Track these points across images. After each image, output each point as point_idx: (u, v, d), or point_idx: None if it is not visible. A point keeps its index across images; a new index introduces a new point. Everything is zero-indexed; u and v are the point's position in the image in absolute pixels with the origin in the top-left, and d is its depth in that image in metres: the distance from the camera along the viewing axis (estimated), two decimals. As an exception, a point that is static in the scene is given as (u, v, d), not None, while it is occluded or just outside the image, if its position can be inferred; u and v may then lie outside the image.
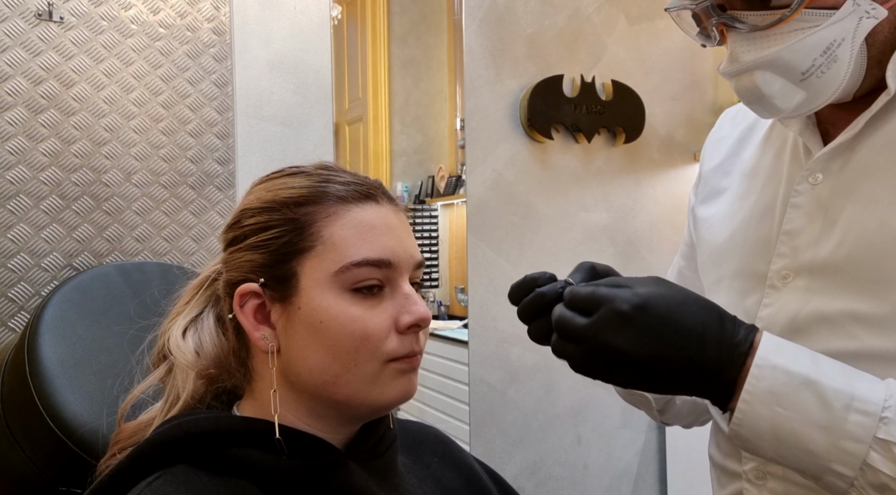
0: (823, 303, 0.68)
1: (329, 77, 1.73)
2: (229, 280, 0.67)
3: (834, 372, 0.58)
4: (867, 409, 0.55)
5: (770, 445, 0.58)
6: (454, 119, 2.36)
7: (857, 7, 0.62)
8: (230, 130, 1.62)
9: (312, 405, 0.65)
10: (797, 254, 0.72)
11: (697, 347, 0.57)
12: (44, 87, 1.43)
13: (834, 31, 0.62)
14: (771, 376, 0.57)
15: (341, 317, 0.62)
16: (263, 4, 1.65)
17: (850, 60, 0.63)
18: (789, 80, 0.65)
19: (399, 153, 2.43)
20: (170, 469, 0.60)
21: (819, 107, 0.67)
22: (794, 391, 0.57)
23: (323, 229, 0.64)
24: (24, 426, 1.11)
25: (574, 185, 2.02)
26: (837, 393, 0.56)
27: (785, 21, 0.62)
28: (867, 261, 0.65)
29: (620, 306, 0.57)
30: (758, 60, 0.65)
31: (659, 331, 0.57)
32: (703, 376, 0.58)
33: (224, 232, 0.69)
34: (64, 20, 1.45)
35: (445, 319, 2.34)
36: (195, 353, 0.67)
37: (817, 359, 0.60)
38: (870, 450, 0.55)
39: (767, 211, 0.76)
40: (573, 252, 1.99)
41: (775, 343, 0.59)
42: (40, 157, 1.43)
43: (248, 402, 0.68)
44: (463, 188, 2.14)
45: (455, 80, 2.33)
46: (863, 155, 0.68)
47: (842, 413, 0.56)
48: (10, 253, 1.41)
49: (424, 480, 0.75)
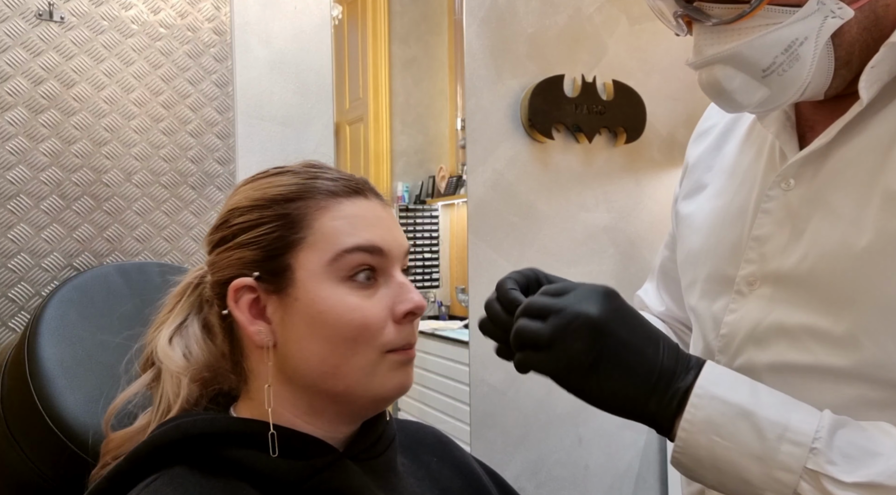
0: (784, 315, 0.68)
1: (330, 77, 1.73)
2: (219, 279, 0.67)
3: (771, 403, 0.59)
4: (799, 440, 0.56)
5: (710, 473, 0.59)
6: (455, 119, 2.36)
7: (822, 6, 0.60)
8: (231, 130, 1.62)
9: (311, 401, 0.65)
10: (765, 261, 0.71)
11: (644, 377, 0.59)
12: (44, 87, 1.43)
13: (796, 30, 0.61)
14: (709, 406, 0.58)
15: (339, 307, 0.63)
16: (264, 4, 1.65)
17: (813, 60, 0.62)
18: (751, 75, 0.64)
19: (400, 153, 2.43)
20: (167, 471, 0.60)
21: (785, 104, 0.67)
22: (730, 421, 0.57)
23: (314, 222, 0.64)
24: (24, 426, 1.11)
25: (575, 185, 2.02)
26: (772, 424, 0.57)
27: (747, 17, 0.61)
28: (827, 279, 0.65)
29: (583, 310, 0.59)
30: (718, 54, 0.64)
31: (611, 347, 0.59)
32: (646, 409, 0.59)
33: (210, 233, 0.69)
34: (64, 20, 1.45)
35: (446, 319, 2.34)
36: (184, 359, 0.67)
37: (756, 389, 0.60)
38: (800, 480, 0.55)
39: (741, 214, 0.75)
40: (574, 252, 1.99)
41: (716, 373, 0.60)
42: (41, 157, 1.43)
43: (245, 403, 0.68)
44: (463, 188, 2.14)
45: (456, 80, 2.33)
46: (833, 164, 0.67)
47: (775, 443, 0.56)
48: (11, 253, 1.41)
49: (423, 480, 0.75)
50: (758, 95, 0.65)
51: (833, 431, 0.57)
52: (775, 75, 0.63)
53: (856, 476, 0.54)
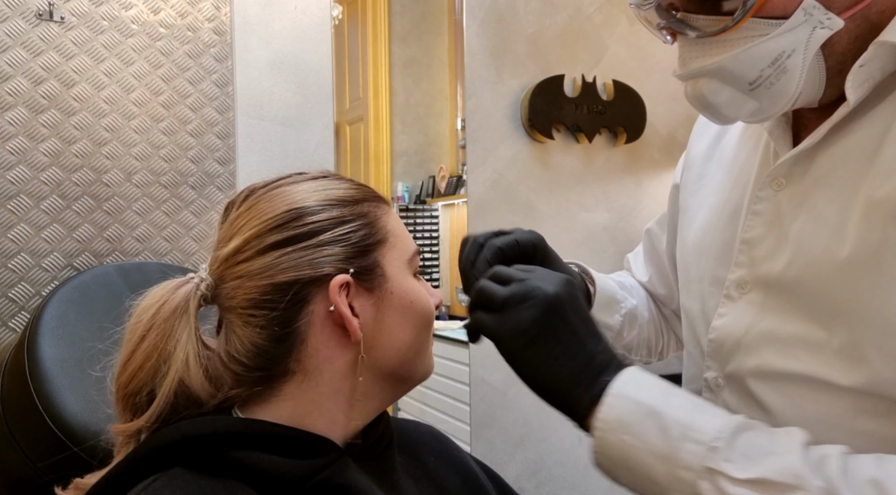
0: (776, 324, 0.66)
1: (330, 77, 1.73)
2: (288, 280, 0.64)
3: (680, 405, 0.58)
4: (700, 439, 0.55)
5: (623, 473, 0.59)
6: (455, 119, 2.36)
7: (810, 17, 0.58)
8: (231, 130, 1.62)
9: (371, 390, 0.68)
10: (754, 265, 0.69)
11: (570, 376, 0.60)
12: (44, 87, 1.43)
13: (783, 42, 0.59)
14: (621, 405, 0.58)
15: (423, 298, 0.70)
16: (264, 4, 1.65)
17: (802, 72, 0.60)
18: (737, 89, 0.62)
19: (400, 153, 2.43)
20: (166, 472, 0.59)
21: (777, 114, 0.65)
22: (639, 420, 0.57)
23: (387, 224, 0.70)
24: (24, 426, 1.11)
25: (575, 185, 2.02)
26: (677, 424, 0.56)
27: (731, 29, 0.60)
28: (814, 289, 0.63)
29: (540, 288, 0.61)
30: (703, 68, 0.62)
31: (554, 332, 0.60)
32: (569, 396, 0.60)
33: (260, 235, 0.65)
34: (65, 20, 1.45)
35: (446, 319, 2.34)
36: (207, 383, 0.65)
37: (671, 392, 0.60)
38: (699, 479, 0.54)
39: (735, 213, 0.73)
40: (574, 252, 1.99)
41: (636, 376, 0.60)
42: (41, 157, 1.43)
43: (277, 404, 0.66)
44: (464, 188, 2.14)
45: (456, 80, 2.33)
46: (820, 166, 0.65)
47: (678, 442, 0.56)
48: (11, 253, 1.41)
49: (421, 479, 0.75)
50: (746, 108, 0.63)
51: (737, 433, 0.56)
52: (763, 88, 0.61)
53: (748, 473, 0.53)
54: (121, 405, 0.65)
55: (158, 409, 0.63)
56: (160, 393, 0.63)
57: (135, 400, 0.64)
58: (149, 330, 0.64)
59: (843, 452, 0.54)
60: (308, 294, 0.64)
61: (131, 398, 0.64)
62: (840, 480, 0.51)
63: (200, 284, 0.66)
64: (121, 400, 0.65)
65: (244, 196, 0.69)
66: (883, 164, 0.59)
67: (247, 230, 0.66)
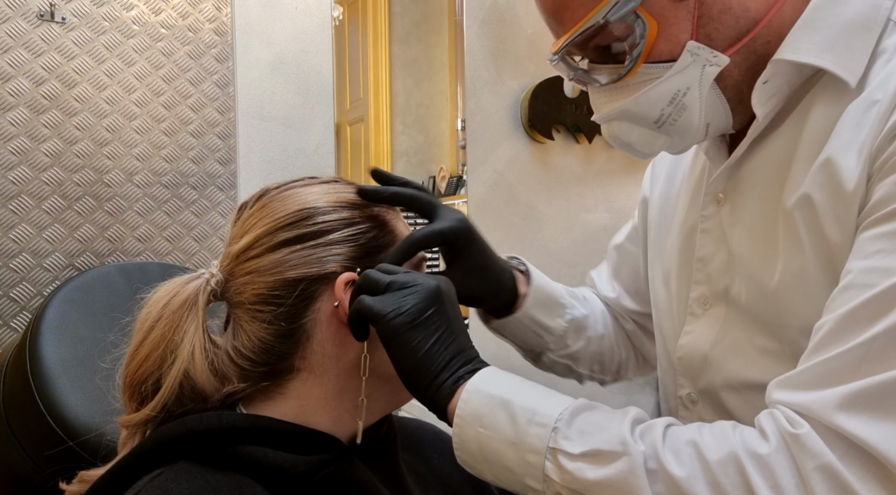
0: (740, 337, 0.68)
1: (330, 78, 1.73)
2: (296, 277, 0.65)
3: (529, 393, 0.60)
4: (544, 422, 0.57)
5: (483, 466, 0.60)
6: (455, 119, 2.37)
7: (697, 57, 0.62)
8: (232, 131, 1.62)
9: (375, 391, 0.68)
10: (711, 281, 0.72)
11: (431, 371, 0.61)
12: (45, 88, 1.44)
13: (677, 82, 0.63)
14: (475, 399, 0.59)
15: None
16: (265, 5, 1.66)
17: (700, 107, 0.64)
18: (646, 127, 0.67)
19: (400, 153, 2.43)
20: (172, 465, 0.60)
21: (691, 146, 0.69)
22: (491, 411, 0.58)
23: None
24: (26, 426, 1.11)
25: (575, 186, 2.02)
26: (524, 410, 0.58)
27: (626, 76, 0.64)
28: (758, 305, 0.66)
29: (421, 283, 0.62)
30: (611, 113, 0.68)
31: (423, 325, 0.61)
32: (433, 383, 0.61)
33: (271, 233, 0.66)
34: (66, 21, 1.45)
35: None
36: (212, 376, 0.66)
37: (523, 384, 0.61)
38: (545, 460, 0.56)
39: (692, 231, 0.76)
40: (574, 252, 1.99)
41: (491, 373, 0.61)
42: (42, 158, 1.44)
43: (283, 402, 0.67)
44: (464, 188, 2.14)
45: (456, 81, 2.33)
46: (745, 178, 0.69)
47: (525, 427, 0.57)
48: (12, 253, 1.41)
49: (424, 476, 0.76)
50: (658, 144, 0.68)
51: (577, 412, 0.58)
52: (668, 125, 0.66)
53: (582, 447, 0.55)
54: (128, 393, 0.66)
55: (163, 399, 0.64)
56: (166, 382, 0.63)
57: (141, 389, 0.65)
58: (158, 320, 0.65)
59: (667, 423, 0.56)
60: (315, 291, 0.65)
61: (138, 386, 0.65)
62: (660, 443, 0.54)
63: (211, 279, 0.67)
64: (128, 388, 0.66)
65: (257, 196, 0.70)
66: (793, 175, 0.62)
67: (258, 228, 0.67)
